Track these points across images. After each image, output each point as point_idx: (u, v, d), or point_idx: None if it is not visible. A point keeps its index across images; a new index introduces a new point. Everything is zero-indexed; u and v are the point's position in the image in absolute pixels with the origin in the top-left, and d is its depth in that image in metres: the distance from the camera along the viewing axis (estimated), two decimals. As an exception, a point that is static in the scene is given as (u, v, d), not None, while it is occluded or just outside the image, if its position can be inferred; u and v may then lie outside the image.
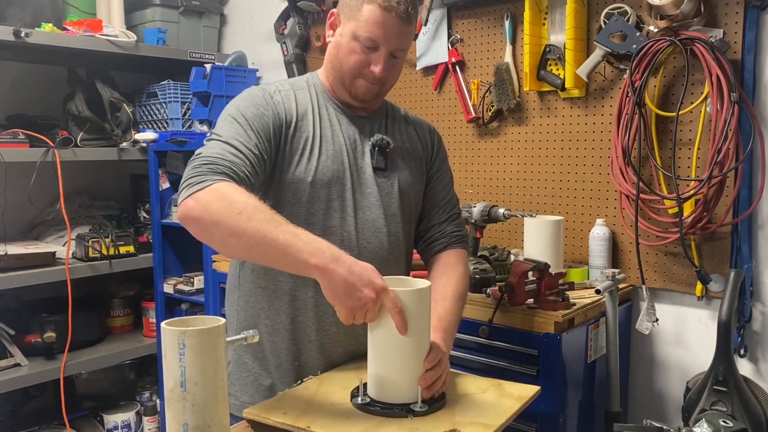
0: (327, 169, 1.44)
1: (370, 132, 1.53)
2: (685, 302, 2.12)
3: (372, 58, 1.42)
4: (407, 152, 1.59)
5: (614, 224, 2.20)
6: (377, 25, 1.38)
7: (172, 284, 2.94)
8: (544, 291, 1.82)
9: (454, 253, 1.60)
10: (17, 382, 2.63)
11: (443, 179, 1.66)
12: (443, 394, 1.30)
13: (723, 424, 1.50)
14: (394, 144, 1.54)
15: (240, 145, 1.32)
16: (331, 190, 1.45)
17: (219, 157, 1.28)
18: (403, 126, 1.62)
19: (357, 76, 1.45)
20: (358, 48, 1.42)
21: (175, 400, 0.99)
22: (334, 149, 1.47)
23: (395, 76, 1.50)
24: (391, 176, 1.53)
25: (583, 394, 1.94)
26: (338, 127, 1.50)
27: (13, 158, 2.59)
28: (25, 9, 2.70)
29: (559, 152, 2.32)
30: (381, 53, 1.42)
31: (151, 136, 2.98)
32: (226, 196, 1.21)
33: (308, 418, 1.19)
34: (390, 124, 1.59)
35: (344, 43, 1.44)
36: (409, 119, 1.66)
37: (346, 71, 1.45)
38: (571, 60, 2.18)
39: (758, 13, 1.91)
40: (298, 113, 1.46)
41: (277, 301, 1.47)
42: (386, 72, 1.44)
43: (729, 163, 1.88)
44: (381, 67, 1.42)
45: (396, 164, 1.55)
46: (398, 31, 1.41)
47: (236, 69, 3.08)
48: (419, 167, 1.61)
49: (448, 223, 1.64)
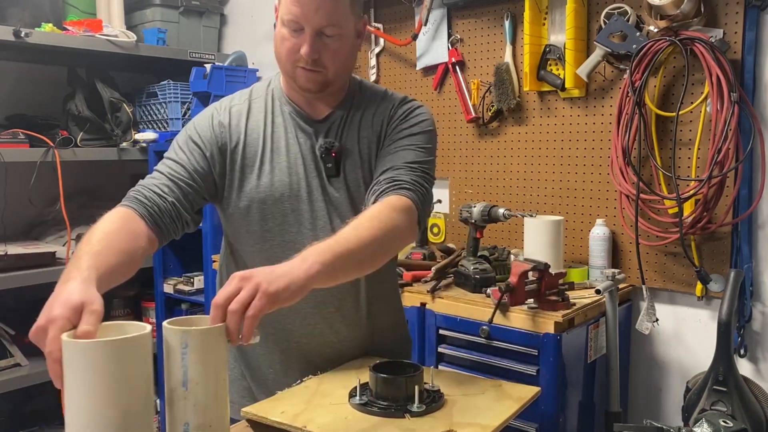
0: (279, 184, 1.39)
1: (325, 135, 1.43)
2: (685, 302, 2.12)
3: (300, 42, 1.35)
4: (365, 153, 1.44)
5: (614, 224, 2.20)
6: (294, 4, 1.33)
7: (172, 284, 2.93)
8: (544, 291, 1.82)
9: (383, 200, 1.29)
10: (17, 382, 2.63)
11: (395, 139, 1.41)
12: (441, 394, 1.29)
13: (723, 424, 1.50)
14: (348, 146, 1.42)
15: (165, 169, 1.36)
16: (284, 205, 1.40)
17: (141, 185, 1.34)
18: (368, 117, 1.45)
19: (294, 65, 1.38)
20: (287, 33, 1.37)
21: (177, 400, 0.99)
22: (288, 161, 1.41)
23: (335, 59, 1.36)
24: (347, 180, 1.42)
25: (583, 394, 1.94)
26: (293, 133, 1.43)
27: (13, 158, 2.59)
28: (25, 9, 2.70)
29: (559, 152, 2.32)
30: (306, 33, 1.34)
31: (151, 136, 2.98)
32: (92, 228, 1.22)
33: (306, 418, 1.19)
34: (350, 120, 1.45)
35: (277, 32, 1.39)
36: (382, 105, 1.46)
37: (285, 61, 1.39)
38: (571, 60, 2.18)
39: (758, 13, 1.91)
40: (247, 130, 1.42)
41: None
42: (317, 53, 1.34)
43: (729, 163, 1.88)
44: (307, 48, 1.33)
45: (350, 166, 1.42)
46: (317, 6, 1.32)
47: (236, 69, 3.08)
48: (375, 154, 1.44)
49: (387, 172, 1.35)
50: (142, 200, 1.30)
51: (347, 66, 1.43)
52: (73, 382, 0.92)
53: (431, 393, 1.28)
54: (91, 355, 0.91)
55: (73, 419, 0.93)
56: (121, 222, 1.25)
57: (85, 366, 0.91)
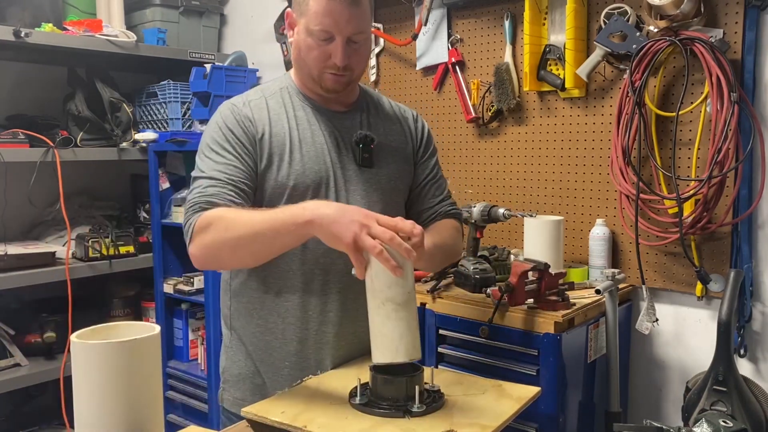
0: (309, 171, 1.44)
1: (351, 128, 1.52)
2: (685, 302, 2.12)
3: (330, 49, 1.40)
4: (391, 146, 1.57)
5: (614, 224, 2.20)
6: (325, 15, 1.37)
7: (172, 284, 2.93)
8: (544, 291, 1.82)
9: (443, 222, 1.61)
10: (17, 382, 2.64)
11: (429, 164, 1.65)
12: (441, 394, 1.29)
13: (723, 424, 1.50)
14: (377, 139, 1.53)
15: (219, 174, 1.37)
16: (314, 192, 1.44)
17: (199, 196, 1.36)
18: (387, 120, 1.60)
19: (322, 70, 1.43)
20: (314, 42, 1.40)
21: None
22: (315, 150, 1.46)
23: (361, 62, 1.47)
24: (378, 172, 1.52)
25: (583, 394, 1.94)
26: (317, 126, 1.49)
27: (13, 158, 2.59)
28: (25, 9, 2.70)
29: (559, 152, 2.32)
30: (337, 42, 1.40)
31: (151, 136, 2.98)
32: (212, 224, 1.30)
33: (306, 418, 1.19)
34: (372, 119, 1.57)
35: (302, 41, 1.43)
36: (394, 111, 1.63)
37: (312, 68, 1.44)
38: (571, 60, 2.18)
39: (758, 13, 1.90)
40: (270, 120, 1.46)
41: (269, 302, 1.48)
42: (348, 60, 1.42)
43: (729, 163, 1.88)
44: (340, 56, 1.40)
45: (382, 159, 1.54)
46: (348, 16, 1.38)
47: (236, 69, 3.08)
48: (406, 160, 1.60)
49: (440, 203, 1.64)
50: (211, 206, 1.34)
51: (366, 64, 1.53)
52: (84, 381, 0.93)
53: (431, 393, 1.28)
54: (103, 355, 0.92)
55: (84, 417, 0.94)
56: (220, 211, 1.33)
57: (96, 366, 0.92)
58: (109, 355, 0.94)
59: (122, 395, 0.94)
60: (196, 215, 1.34)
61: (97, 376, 0.94)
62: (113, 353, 0.94)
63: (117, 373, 0.94)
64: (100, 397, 0.94)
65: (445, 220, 1.62)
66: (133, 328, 1.02)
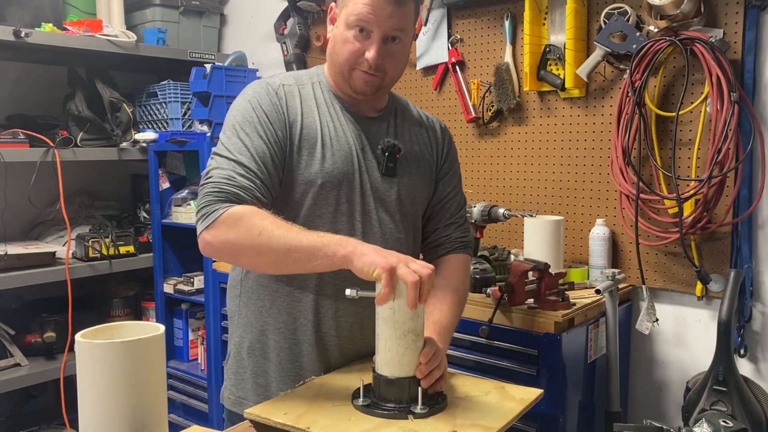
0: (337, 170, 1.40)
1: (377, 134, 1.48)
2: (685, 302, 2.12)
3: (366, 45, 1.36)
4: (416, 156, 1.53)
5: (614, 224, 2.20)
6: (366, 6, 1.33)
7: (172, 284, 2.93)
8: (544, 291, 1.82)
9: (456, 258, 1.57)
10: (17, 382, 2.64)
11: (451, 181, 1.61)
12: (444, 396, 1.29)
13: (723, 424, 1.51)
14: (403, 149, 1.48)
15: (250, 162, 1.31)
16: (340, 193, 1.41)
17: (227, 181, 1.29)
18: (414, 128, 1.56)
19: (354, 67, 1.39)
20: (351, 36, 1.36)
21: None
22: (342, 149, 1.42)
23: (396, 66, 1.41)
24: (400, 182, 1.48)
25: (583, 394, 1.95)
26: (346, 126, 1.45)
27: (13, 158, 2.59)
28: (25, 9, 2.70)
29: (559, 152, 2.32)
30: (374, 38, 1.35)
31: (151, 136, 2.98)
32: (242, 222, 1.25)
33: (309, 419, 1.19)
34: (399, 127, 1.53)
35: (339, 34, 1.39)
36: (422, 120, 1.59)
37: (343, 62, 1.39)
38: (571, 60, 2.18)
39: (758, 13, 1.91)
40: (302, 110, 1.41)
41: (279, 300, 1.46)
42: (382, 59, 1.36)
43: (729, 163, 1.88)
44: (374, 52, 1.35)
45: (405, 170, 1.50)
46: (390, 12, 1.33)
47: (236, 69, 3.08)
48: (428, 172, 1.56)
49: (454, 228, 1.60)
50: (241, 199, 1.29)
51: (402, 72, 1.47)
52: (88, 380, 0.94)
53: (434, 395, 1.28)
54: (108, 354, 0.93)
55: (88, 417, 0.94)
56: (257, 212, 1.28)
57: (101, 365, 0.92)
58: (114, 355, 0.94)
59: (127, 395, 0.94)
60: (224, 205, 1.27)
61: (102, 376, 0.94)
62: (118, 353, 0.94)
63: (122, 373, 0.94)
64: (105, 396, 0.94)
65: (457, 261, 1.57)
66: (137, 327, 1.02)
